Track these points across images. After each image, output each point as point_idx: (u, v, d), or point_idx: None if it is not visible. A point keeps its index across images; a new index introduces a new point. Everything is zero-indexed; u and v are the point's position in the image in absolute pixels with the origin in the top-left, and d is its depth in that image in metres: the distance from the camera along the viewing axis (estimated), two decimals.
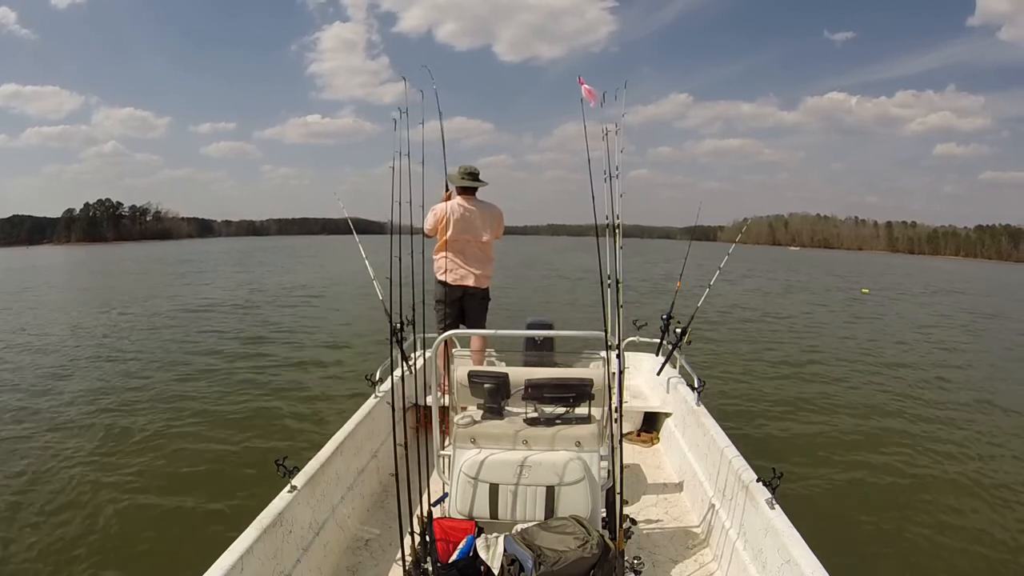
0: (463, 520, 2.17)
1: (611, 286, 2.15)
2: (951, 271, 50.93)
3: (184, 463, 4.63)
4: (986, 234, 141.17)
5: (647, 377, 4.26)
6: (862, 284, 25.77)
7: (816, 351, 9.63)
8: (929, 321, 14.63)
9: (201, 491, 4.13)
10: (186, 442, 5.05)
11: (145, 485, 4.25)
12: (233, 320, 12.05)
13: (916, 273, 41.12)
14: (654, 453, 3.68)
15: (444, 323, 3.69)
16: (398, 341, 2.32)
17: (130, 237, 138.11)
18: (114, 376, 7.39)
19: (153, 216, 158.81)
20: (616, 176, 2.22)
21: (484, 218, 3.67)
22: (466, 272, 3.66)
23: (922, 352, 10.17)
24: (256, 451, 4.82)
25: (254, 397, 6.44)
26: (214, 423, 5.56)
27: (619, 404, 2.12)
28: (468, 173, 3.66)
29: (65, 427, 5.47)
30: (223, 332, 10.59)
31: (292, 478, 2.24)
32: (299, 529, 2.20)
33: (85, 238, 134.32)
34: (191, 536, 3.52)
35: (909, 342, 11.12)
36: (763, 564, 2.08)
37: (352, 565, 2.44)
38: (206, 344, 9.46)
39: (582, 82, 2.34)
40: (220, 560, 1.77)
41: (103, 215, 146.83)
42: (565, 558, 1.82)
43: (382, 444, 3.16)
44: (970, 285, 31.54)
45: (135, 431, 5.32)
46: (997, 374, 8.76)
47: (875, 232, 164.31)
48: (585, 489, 2.15)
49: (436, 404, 2.53)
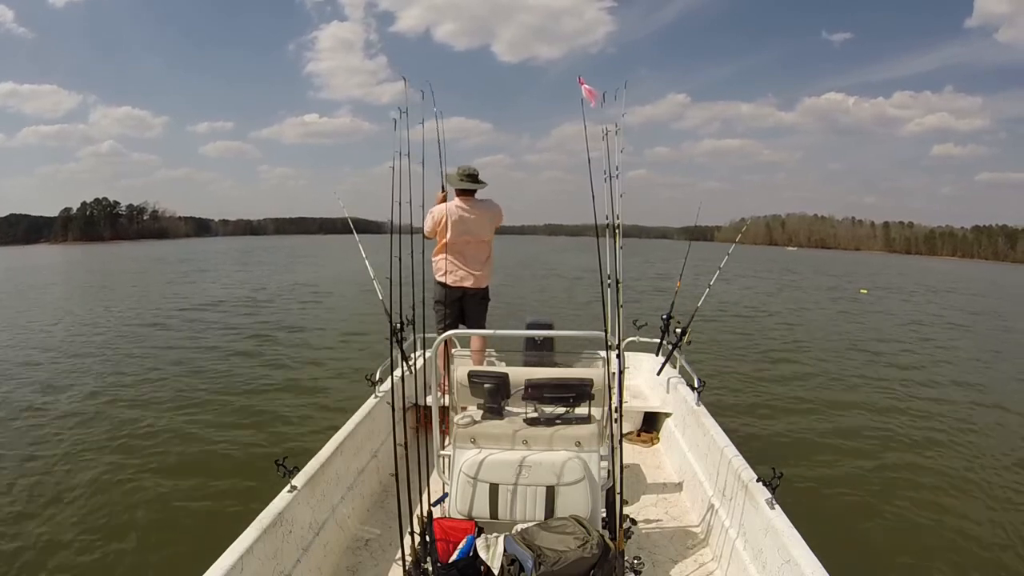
0: (463, 520, 2.17)
1: (611, 286, 2.15)
2: (945, 271, 51.24)
3: (184, 462, 4.63)
4: (983, 235, 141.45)
5: (647, 377, 4.26)
6: (857, 284, 25.91)
7: (816, 351, 9.64)
8: (925, 320, 14.66)
9: (201, 490, 4.13)
10: (185, 441, 5.05)
11: (144, 484, 4.24)
12: (233, 319, 12.04)
13: (910, 273, 41.30)
14: (654, 453, 3.68)
15: (444, 323, 3.69)
16: (398, 341, 2.32)
17: (127, 236, 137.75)
18: (112, 376, 7.38)
19: (150, 215, 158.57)
20: (616, 176, 2.22)
21: (483, 218, 3.65)
22: (465, 273, 3.66)
23: (920, 352, 10.18)
24: (256, 451, 4.82)
25: (254, 397, 6.43)
26: (213, 423, 5.55)
27: (619, 404, 2.12)
28: (467, 175, 3.63)
29: (66, 422, 5.47)
30: (222, 331, 10.58)
31: (292, 478, 2.24)
32: (299, 529, 2.20)
33: (82, 237, 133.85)
34: (191, 536, 3.52)
35: (906, 341, 11.13)
36: (763, 564, 2.08)
37: (352, 565, 2.44)
38: (205, 344, 9.45)
39: (582, 82, 2.34)
40: (220, 560, 1.77)
41: (100, 214, 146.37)
42: (565, 558, 1.82)
43: (382, 444, 3.15)
44: (962, 284, 31.77)
45: (134, 430, 5.32)
46: (997, 376, 8.78)
47: (872, 232, 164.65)
48: (585, 489, 2.14)
49: (436, 404, 2.53)
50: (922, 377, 8.19)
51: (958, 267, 69.11)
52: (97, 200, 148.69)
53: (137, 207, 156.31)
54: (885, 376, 8.08)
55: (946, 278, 37.84)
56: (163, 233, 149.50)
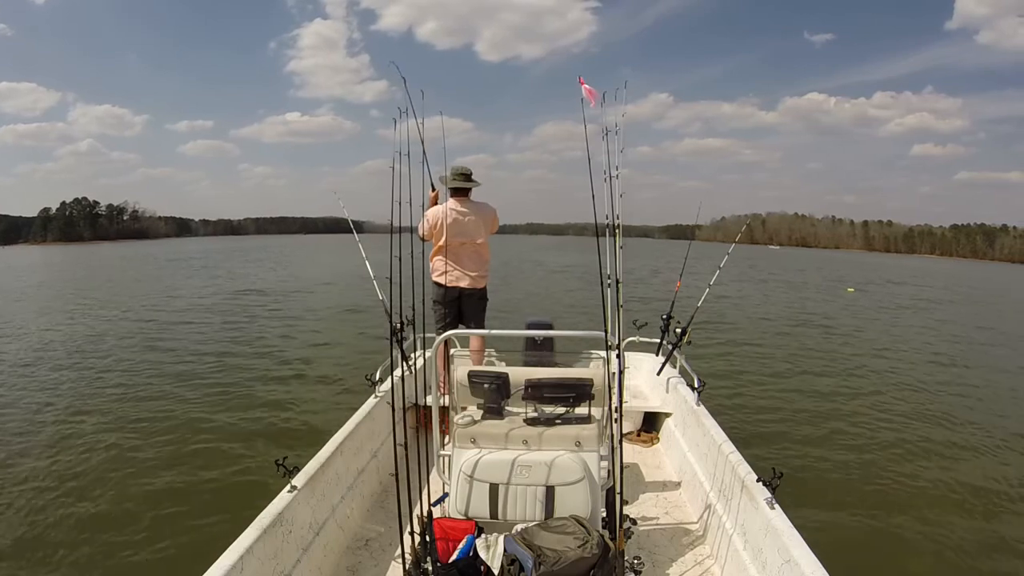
0: (463, 520, 2.17)
1: (611, 286, 2.15)
2: (919, 268, 52.88)
3: (183, 462, 4.63)
4: (961, 233, 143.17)
5: (647, 377, 4.25)
6: (834, 280, 26.26)
7: (816, 350, 9.64)
8: (915, 318, 14.69)
9: (200, 490, 4.13)
10: (185, 441, 5.05)
11: (143, 484, 4.24)
12: (231, 319, 12.04)
13: (883, 270, 42.31)
14: (654, 453, 3.68)
15: (443, 323, 3.68)
16: (398, 341, 2.32)
17: (107, 237, 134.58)
18: (109, 375, 7.39)
19: (130, 215, 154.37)
20: (616, 176, 2.22)
21: (479, 219, 3.64)
22: (461, 274, 3.65)
23: (919, 351, 10.18)
24: (256, 451, 4.82)
25: (253, 397, 6.43)
26: (212, 422, 5.55)
27: (619, 404, 2.12)
28: (460, 174, 3.61)
29: (65, 419, 5.47)
30: (221, 331, 10.57)
31: (292, 478, 2.24)
32: (299, 529, 2.20)
33: (62, 238, 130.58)
34: (191, 535, 3.52)
35: (906, 340, 11.13)
36: (763, 564, 2.08)
37: (352, 565, 2.44)
38: (204, 343, 9.45)
39: (583, 82, 2.33)
40: (220, 560, 1.78)
41: (80, 214, 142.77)
42: (565, 558, 1.82)
43: (382, 444, 3.16)
44: (926, 280, 32.80)
45: (131, 427, 5.32)
46: (998, 380, 8.78)
47: (852, 231, 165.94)
48: (585, 489, 2.14)
49: (436, 404, 2.53)
50: (921, 376, 8.19)
51: (936, 265, 70.52)
52: (77, 200, 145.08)
53: (117, 207, 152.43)
54: (886, 376, 8.08)
55: (918, 274, 38.94)
56: (143, 233, 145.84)
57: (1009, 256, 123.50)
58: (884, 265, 54.23)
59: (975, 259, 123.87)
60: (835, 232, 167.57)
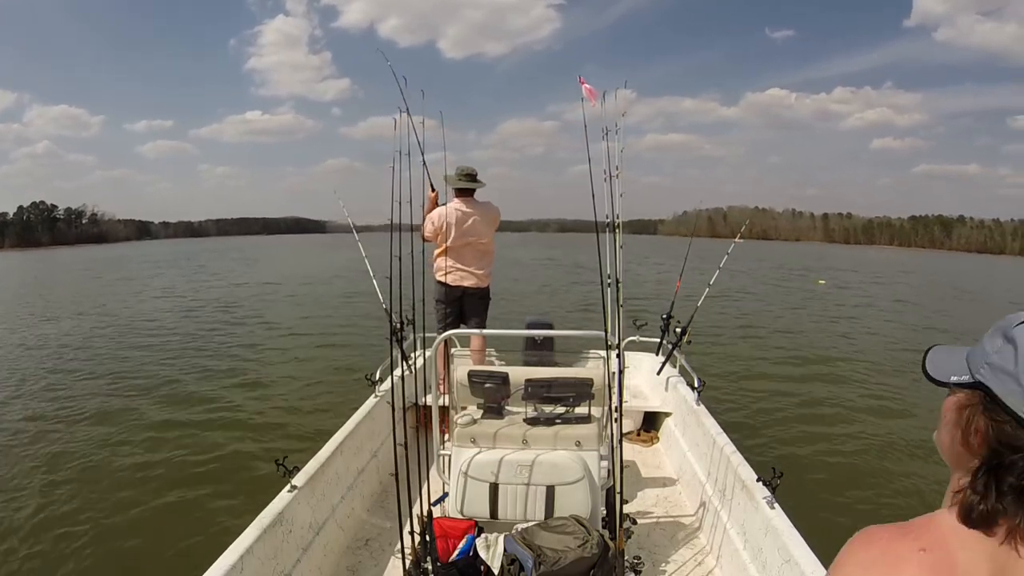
0: (463, 520, 2.17)
1: (611, 285, 2.15)
2: (876, 259, 53.73)
3: (182, 462, 4.62)
4: (919, 224, 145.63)
5: (647, 377, 4.25)
6: (813, 274, 26.39)
7: (815, 351, 9.63)
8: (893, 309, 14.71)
9: (200, 490, 4.12)
10: (184, 440, 5.04)
11: (143, 483, 4.24)
12: (228, 319, 12.04)
13: (832, 260, 43.48)
14: (654, 453, 3.68)
15: (444, 323, 3.69)
16: (398, 341, 2.32)
17: (66, 241, 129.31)
18: (107, 374, 7.39)
19: (89, 219, 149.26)
20: (616, 175, 2.22)
21: (484, 220, 3.66)
22: (465, 273, 3.67)
23: (917, 350, 10.14)
24: (256, 450, 4.82)
25: (252, 396, 6.43)
26: (212, 423, 5.55)
27: (619, 404, 2.12)
28: (465, 174, 3.64)
29: (65, 419, 5.47)
30: (219, 331, 10.58)
31: (292, 478, 2.24)
32: (299, 529, 2.20)
33: (19, 243, 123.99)
34: (191, 535, 3.51)
35: (903, 339, 11.12)
36: (763, 564, 2.08)
37: (352, 565, 2.44)
38: (203, 343, 9.45)
39: (583, 82, 2.33)
40: (220, 560, 1.78)
41: (38, 219, 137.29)
42: (565, 558, 1.82)
43: (382, 444, 3.15)
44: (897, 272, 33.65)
45: (131, 428, 5.32)
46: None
47: (812, 223, 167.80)
48: (585, 489, 2.14)
49: (436, 404, 2.52)
50: (918, 375, 8.16)
51: (895, 255, 71.73)
52: (34, 204, 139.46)
53: (76, 211, 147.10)
54: (886, 376, 8.07)
55: (888, 266, 39.50)
56: (103, 237, 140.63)
57: (966, 246, 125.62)
58: (845, 256, 55.71)
59: (933, 249, 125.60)
60: (796, 225, 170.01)
